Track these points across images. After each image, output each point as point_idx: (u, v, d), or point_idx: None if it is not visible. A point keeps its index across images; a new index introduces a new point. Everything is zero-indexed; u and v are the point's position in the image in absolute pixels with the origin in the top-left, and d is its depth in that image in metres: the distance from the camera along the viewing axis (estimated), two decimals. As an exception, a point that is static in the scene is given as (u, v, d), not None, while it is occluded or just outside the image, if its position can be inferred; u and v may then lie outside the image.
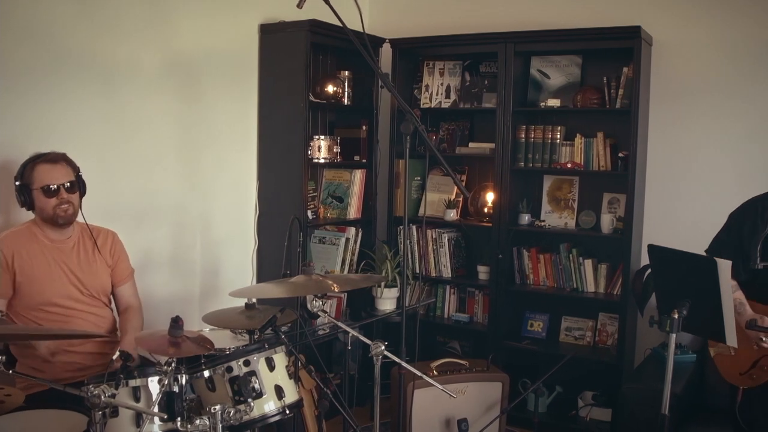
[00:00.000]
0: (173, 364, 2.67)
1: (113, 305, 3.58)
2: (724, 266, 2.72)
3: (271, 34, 4.70)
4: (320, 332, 4.41)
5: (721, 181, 4.61)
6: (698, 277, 2.82)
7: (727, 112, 4.58)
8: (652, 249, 3.09)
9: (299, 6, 2.92)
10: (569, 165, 4.79)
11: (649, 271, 4.31)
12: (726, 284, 2.76)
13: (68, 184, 3.29)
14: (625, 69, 4.60)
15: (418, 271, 5.26)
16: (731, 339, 2.82)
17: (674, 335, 2.75)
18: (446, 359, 4.38)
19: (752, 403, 2.93)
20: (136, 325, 3.50)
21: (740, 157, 4.56)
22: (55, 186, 3.25)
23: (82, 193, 3.38)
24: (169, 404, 2.69)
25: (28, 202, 3.27)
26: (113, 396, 2.55)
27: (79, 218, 3.37)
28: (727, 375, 3.33)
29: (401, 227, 5.04)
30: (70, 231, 3.41)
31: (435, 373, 4.19)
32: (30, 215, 3.36)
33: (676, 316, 2.75)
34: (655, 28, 4.65)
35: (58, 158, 3.31)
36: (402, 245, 3.26)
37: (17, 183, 3.26)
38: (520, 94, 4.95)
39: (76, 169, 3.36)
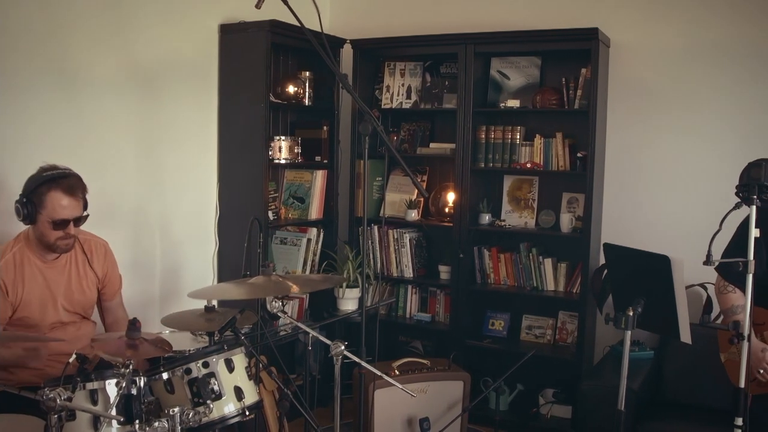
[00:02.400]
0: (131, 367, 2.65)
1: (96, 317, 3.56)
2: (678, 264, 2.76)
3: (230, 34, 4.68)
4: (282, 333, 4.40)
5: (677, 180, 4.69)
6: (653, 274, 2.86)
7: (683, 112, 4.65)
8: (608, 247, 3.14)
9: (257, 6, 2.92)
10: (529, 165, 4.84)
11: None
12: (680, 281, 2.81)
13: (76, 218, 3.18)
14: (583, 70, 4.66)
15: (379, 272, 5.27)
16: (685, 335, 2.86)
17: (629, 332, 2.80)
18: (408, 359, 4.40)
19: (761, 409, 2.95)
20: None
21: (696, 157, 4.64)
22: (65, 220, 3.13)
23: (84, 219, 3.27)
24: (127, 407, 2.66)
25: (29, 219, 3.11)
26: (69, 399, 2.52)
27: None
28: (737, 381, 3.35)
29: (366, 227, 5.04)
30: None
31: (396, 372, 4.20)
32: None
33: (630, 313, 2.80)
34: (612, 29, 4.72)
35: (76, 188, 3.16)
36: (363, 246, 3.25)
37: (24, 199, 3.09)
38: (480, 95, 4.99)
39: (86, 202, 3.24)
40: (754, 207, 2.81)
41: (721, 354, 3.41)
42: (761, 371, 3.11)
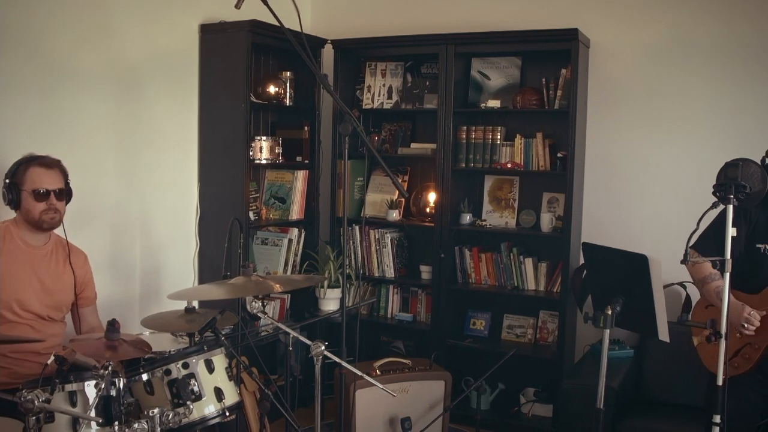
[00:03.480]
0: (110, 368, 2.64)
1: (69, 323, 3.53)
2: (655, 263, 2.79)
3: (211, 34, 4.66)
4: (263, 334, 4.39)
5: (656, 180, 4.73)
6: (631, 273, 2.88)
7: (662, 113, 4.69)
8: (587, 247, 3.16)
9: (237, 6, 2.91)
10: (509, 165, 4.86)
11: (587, 268, 4.39)
12: (657, 280, 2.83)
13: (58, 190, 3.29)
14: (563, 70, 4.68)
15: (361, 272, 5.27)
16: (663, 334, 2.88)
17: (608, 331, 2.82)
18: (389, 359, 4.40)
19: (732, 392, 3.00)
20: None
21: (675, 156, 4.67)
22: (46, 190, 3.24)
23: (68, 201, 3.38)
24: (107, 408, 2.65)
25: (14, 201, 3.25)
26: (48, 401, 2.50)
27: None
28: (709, 364, 3.37)
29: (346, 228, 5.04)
30: (46, 238, 3.39)
31: (378, 372, 4.20)
32: (8, 215, 3.33)
33: (609, 312, 2.82)
34: (592, 30, 4.75)
35: (53, 163, 3.32)
36: (344, 246, 3.25)
37: (6, 181, 3.24)
38: (461, 95, 5.01)
39: (66, 177, 3.38)
40: (731, 206, 2.84)
41: (694, 338, 3.47)
42: (745, 325, 3.15)
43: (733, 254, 3.07)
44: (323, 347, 2.89)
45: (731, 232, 2.84)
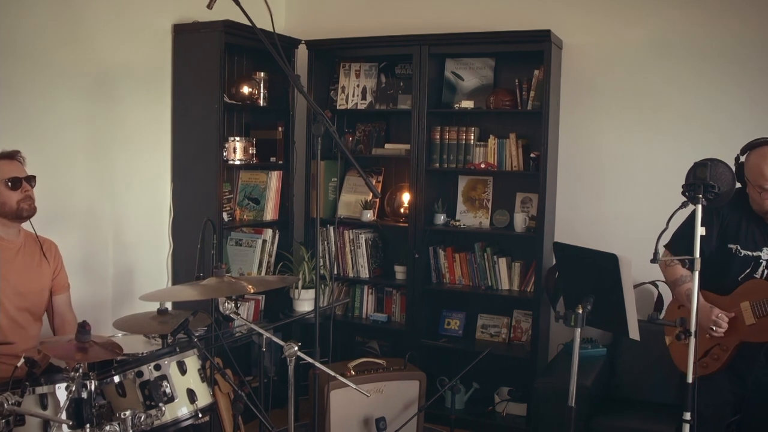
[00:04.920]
0: (80, 370, 2.62)
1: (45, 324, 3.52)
2: (625, 262, 2.81)
3: (184, 34, 4.64)
4: (237, 335, 4.38)
5: (628, 180, 4.77)
6: (601, 273, 2.90)
7: (633, 113, 4.74)
8: (558, 246, 3.18)
9: (209, 6, 2.91)
10: (483, 165, 4.88)
11: (561, 268, 4.42)
12: (628, 279, 2.86)
13: (29, 177, 3.35)
14: (536, 71, 4.71)
15: (335, 272, 5.27)
16: (634, 332, 2.91)
17: (579, 330, 2.84)
18: (364, 359, 4.41)
19: (701, 391, 3.03)
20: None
21: (646, 156, 4.72)
22: (18, 178, 3.29)
23: (34, 180, 3.41)
24: (78, 411, 2.64)
25: None
26: (18, 404, 2.49)
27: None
28: (680, 363, 3.40)
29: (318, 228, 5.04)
30: (17, 233, 3.38)
31: (352, 373, 4.21)
32: None
33: (580, 311, 2.84)
34: (565, 32, 4.78)
35: (14, 154, 3.36)
36: (317, 246, 3.25)
37: None
38: (435, 96, 5.02)
39: (24, 161, 3.41)
40: (699, 206, 2.87)
41: (666, 337, 3.49)
42: (713, 327, 3.19)
43: (704, 254, 3.12)
44: (296, 348, 2.89)
45: (700, 231, 2.86)
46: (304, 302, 4.97)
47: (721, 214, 3.26)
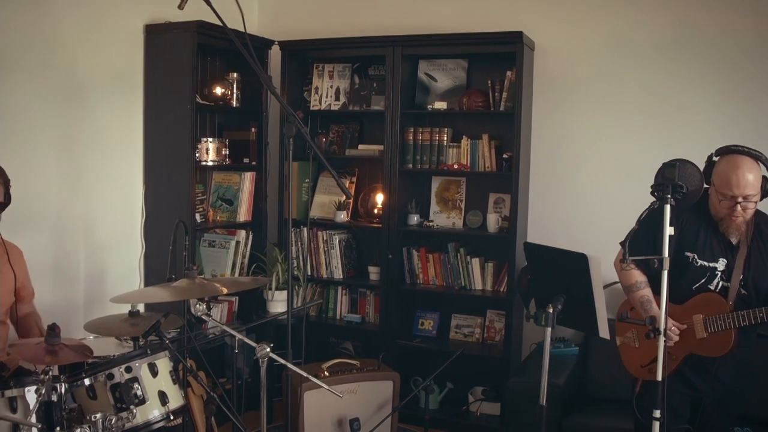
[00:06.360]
0: (50, 373, 2.61)
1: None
2: (595, 261, 2.84)
3: (156, 34, 4.61)
4: (210, 336, 4.37)
5: (599, 180, 4.82)
6: (571, 272, 2.93)
7: (605, 114, 4.78)
8: (528, 246, 3.20)
9: (180, 7, 2.90)
10: (456, 166, 4.90)
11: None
12: (597, 279, 2.88)
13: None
14: (508, 73, 4.74)
15: (309, 273, 5.27)
16: (604, 331, 2.94)
17: (549, 329, 2.86)
18: (337, 360, 4.42)
19: (649, 395, 3.03)
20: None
21: (616, 156, 4.76)
22: None
23: (6, 205, 3.32)
24: (48, 414, 2.62)
25: None
26: (-14, 407, 2.47)
27: None
28: (629, 366, 3.44)
29: (292, 229, 5.04)
30: None
31: (326, 374, 4.21)
32: None
33: (551, 310, 2.86)
34: (537, 33, 4.81)
35: None
36: (289, 247, 3.25)
37: None
38: (408, 97, 5.03)
39: (7, 182, 3.32)
40: (668, 206, 2.90)
41: (617, 338, 3.51)
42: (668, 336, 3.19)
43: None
44: (268, 349, 2.89)
45: (668, 231, 2.88)
46: (278, 303, 4.97)
47: (681, 219, 3.21)
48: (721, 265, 3.20)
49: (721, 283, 3.21)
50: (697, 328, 3.18)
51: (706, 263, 3.21)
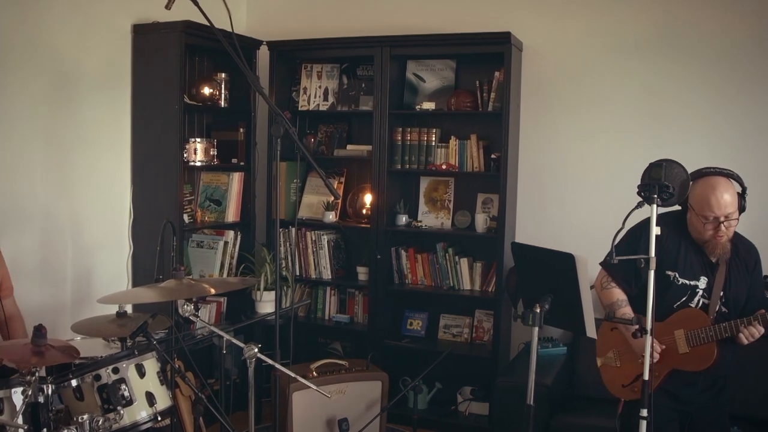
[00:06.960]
0: (37, 374, 2.59)
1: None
2: (582, 261, 2.84)
3: (144, 34, 4.60)
4: (198, 337, 4.36)
5: (586, 180, 4.83)
6: (558, 272, 2.93)
7: (593, 114, 4.80)
8: (515, 246, 3.20)
9: (167, 7, 2.91)
10: (444, 166, 4.91)
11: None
12: (584, 279, 2.88)
13: None
14: (496, 73, 4.75)
15: (298, 274, 5.26)
16: (591, 331, 2.94)
17: (536, 329, 2.86)
18: (326, 360, 4.42)
19: (632, 414, 3.01)
20: (21, 334, 3.39)
21: (603, 156, 4.78)
22: None
23: None
24: (35, 415, 2.61)
25: None
26: (-28, 409, 2.46)
27: None
28: (611, 386, 3.44)
29: (280, 230, 5.03)
30: None
31: (315, 374, 4.21)
32: None
33: (538, 310, 2.86)
34: (525, 34, 4.83)
35: None
36: (278, 248, 3.25)
37: None
38: (397, 97, 5.04)
39: None
40: (654, 206, 2.91)
41: (597, 358, 3.50)
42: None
43: (641, 279, 3.15)
44: (256, 350, 2.88)
45: (656, 231, 2.89)
46: (266, 304, 4.96)
47: (661, 237, 3.13)
48: (702, 283, 3.21)
49: (701, 300, 3.22)
50: (679, 343, 3.19)
51: (687, 281, 3.22)
